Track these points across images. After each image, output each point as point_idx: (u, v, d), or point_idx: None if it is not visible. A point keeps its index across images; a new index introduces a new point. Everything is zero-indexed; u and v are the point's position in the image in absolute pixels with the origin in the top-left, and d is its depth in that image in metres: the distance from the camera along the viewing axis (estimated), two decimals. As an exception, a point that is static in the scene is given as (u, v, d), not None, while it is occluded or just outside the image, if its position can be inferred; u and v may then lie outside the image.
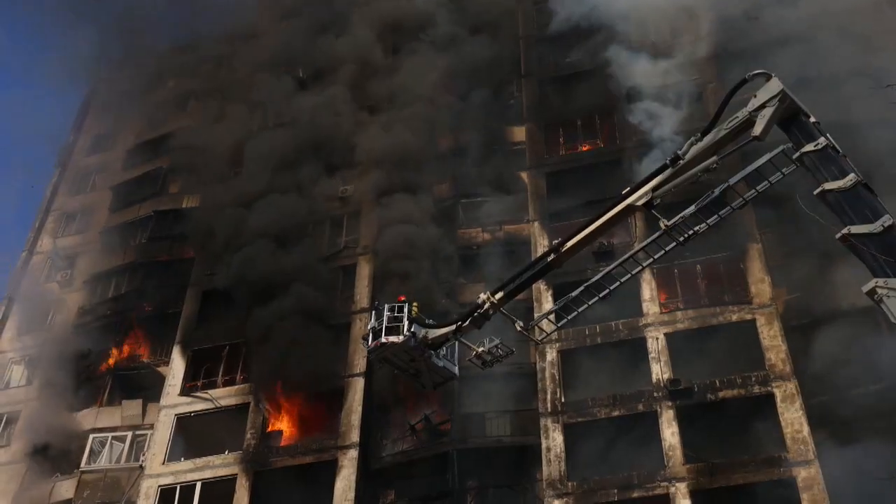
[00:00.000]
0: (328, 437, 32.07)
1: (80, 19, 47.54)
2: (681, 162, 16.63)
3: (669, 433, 28.48)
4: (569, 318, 18.99)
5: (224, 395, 34.15)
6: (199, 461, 32.72)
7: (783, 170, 16.18)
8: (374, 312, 19.07)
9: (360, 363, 32.91)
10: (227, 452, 32.63)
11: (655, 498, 27.61)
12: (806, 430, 27.17)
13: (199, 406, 34.10)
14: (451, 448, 30.24)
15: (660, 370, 29.81)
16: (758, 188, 16.76)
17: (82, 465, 34.25)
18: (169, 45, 47.21)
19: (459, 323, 18.78)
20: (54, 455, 35.68)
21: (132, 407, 35.76)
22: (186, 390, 34.61)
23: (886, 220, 13.96)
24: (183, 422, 33.96)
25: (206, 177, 40.74)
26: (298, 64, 43.87)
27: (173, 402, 34.43)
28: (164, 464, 32.93)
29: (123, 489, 33.30)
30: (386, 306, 18.80)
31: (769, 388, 28.46)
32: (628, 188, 17.24)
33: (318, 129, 40.02)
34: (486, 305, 18.37)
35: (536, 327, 20.08)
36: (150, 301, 39.23)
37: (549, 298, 31.74)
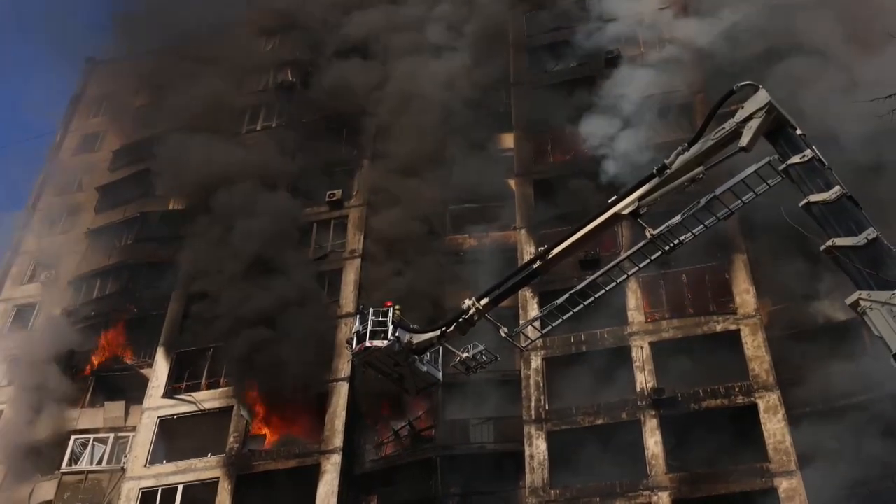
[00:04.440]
0: (311, 441, 31.97)
1: (70, 18, 47.32)
2: (667, 171, 16.67)
3: (652, 442, 28.50)
4: (554, 325, 19.02)
5: (207, 398, 34.00)
6: (182, 464, 32.54)
7: (769, 181, 16.24)
8: (358, 317, 19.03)
9: (344, 368, 32.83)
10: (209, 456, 32.46)
11: (638, 506, 27.64)
12: (788, 440, 27.24)
13: (182, 409, 33.93)
14: (435, 454, 30.19)
15: (644, 379, 29.84)
16: (744, 199, 16.81)
17: (63, 466, 34.08)
18: (159, 47, 46.99)
19: (444, 328, 18.73)
20: (35, 456, 35.37)
21: (115, 409, 35.56)
22: (170, 392, 34.44)
23: (870, 233, 14.03)
24: (165, 424, 33.79)
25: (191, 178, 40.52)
26: (287, 66, 44.03)
27: (156, 404, 34.25)
28: (145, 466, 32.74)
29: (104, 491, 33.11)
30: (371, 311, 18.77)
31: (752, 399, 28.53)
32: (615, 197, 17.28)
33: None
34: (472, 311, 18.34)
35: (521, 334, 20.09)
36: (135, 303, 39.03)
37: (535, 305, 31.72)
